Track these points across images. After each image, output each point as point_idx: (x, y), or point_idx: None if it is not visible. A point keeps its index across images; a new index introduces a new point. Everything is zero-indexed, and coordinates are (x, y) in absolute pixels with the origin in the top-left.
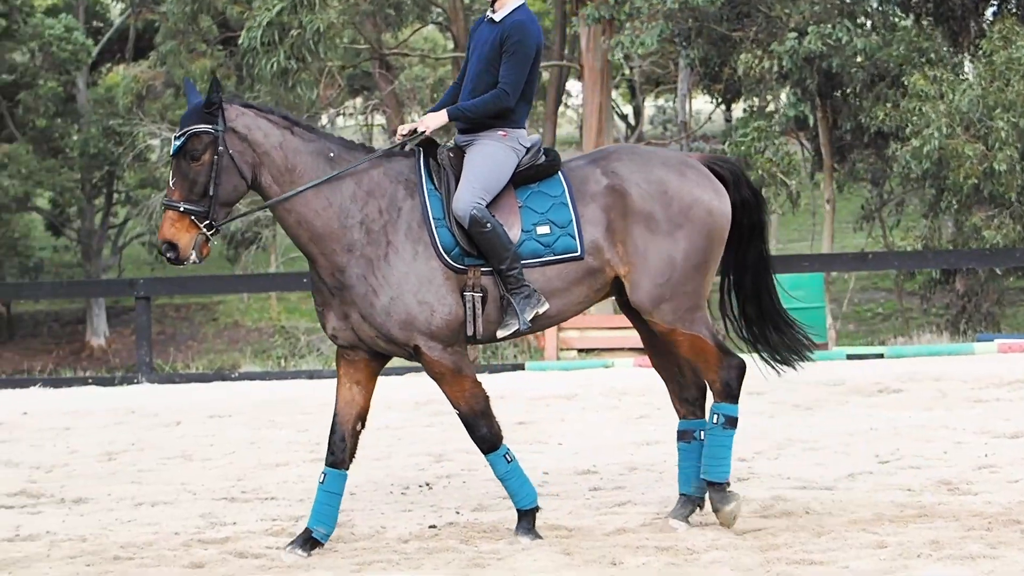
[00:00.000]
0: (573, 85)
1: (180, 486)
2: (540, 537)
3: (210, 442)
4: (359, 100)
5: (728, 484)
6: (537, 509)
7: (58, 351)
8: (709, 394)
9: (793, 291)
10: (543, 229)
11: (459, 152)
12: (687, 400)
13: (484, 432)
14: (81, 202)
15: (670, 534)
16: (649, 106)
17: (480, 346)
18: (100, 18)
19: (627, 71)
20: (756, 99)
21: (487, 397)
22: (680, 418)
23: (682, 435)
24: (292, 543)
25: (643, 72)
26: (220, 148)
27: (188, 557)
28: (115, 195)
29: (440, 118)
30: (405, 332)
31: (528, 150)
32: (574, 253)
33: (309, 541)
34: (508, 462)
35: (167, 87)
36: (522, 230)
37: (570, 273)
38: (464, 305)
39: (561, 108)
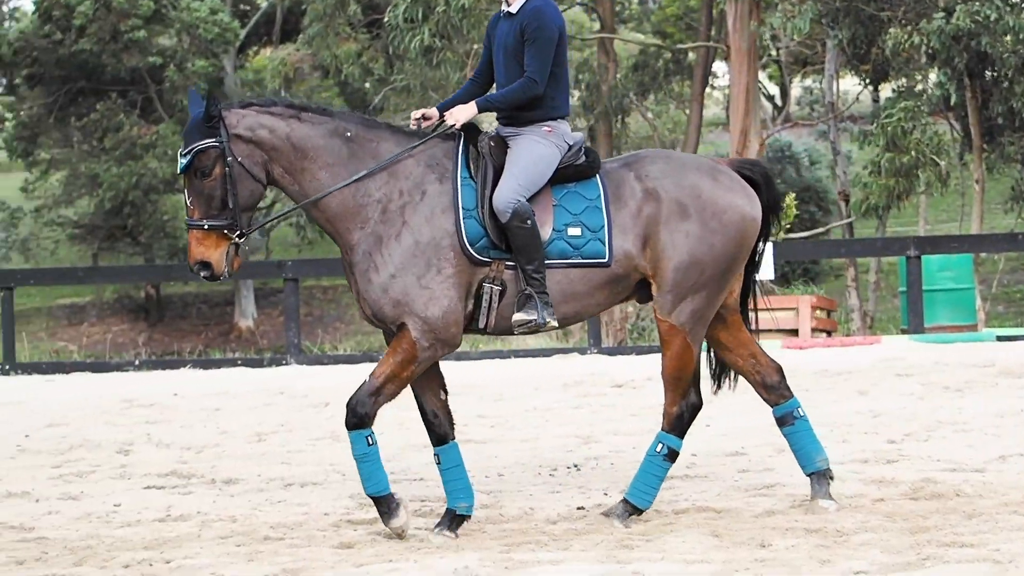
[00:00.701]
0: (719, 66)
1: (329, 467)
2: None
3: None
4: None
5: (641, 513)
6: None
7: (207, 332)
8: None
9: (942, 272)
10: (574, 231)
11: (500, 143)
12: (771, 386)
13: (367, 408)
14: None
15: (819, 516)
16: (796, 86)
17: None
18: (247, 1)
19: (773, 51)
20: (904, 79)
21: (395, 396)
22: (772, 406)
23: (781, 421)
24: (439, 524)
25: (790, 52)
26: (228, 158)
27: (338, 537)
28: None
29: (469, 110)
30: (396, 311)
31: (571, 148)
32: (601, 259)
33: (455, 520)
34: (369, 445)
35: (314, 70)
36: (553, 229)
37: (594, 278)
38: (481, 297)
39: (707, 89)
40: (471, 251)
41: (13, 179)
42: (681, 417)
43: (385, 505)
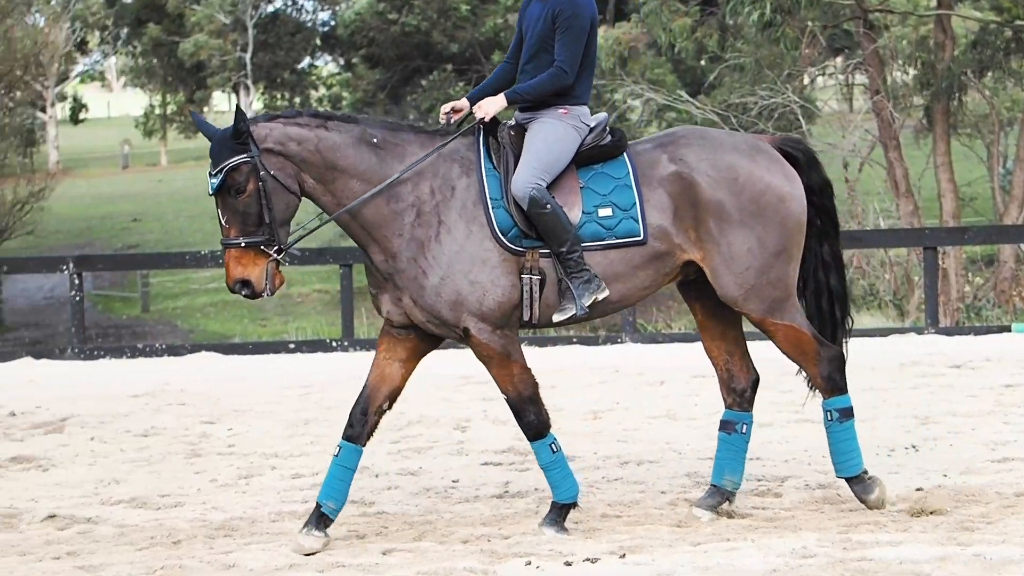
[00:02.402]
0: None
1: (665, 445)
2: (566, 532)
3: (694, 402)
4: (839, 60)
5: (865, 473)
6: (575, 506)
7: None
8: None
9: None
10: (605, 211)
11: (520, 130)
12: (735, 390)
13: (531, 419)
14: None
15: None
16: None
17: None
18: None
19: None
20: None
21: (536, 383)
22: (726, 407)
23: (724, 425)
24: (307, 524)
25: None
26: (261, 173)
27: (675, 516)
28: None
29: (498, 102)
30: (455, 313)
31: (592, 129)
32: (636, 237)
33: (321, 518)
34: (553, 452)
35: (648, 48)
36: (583, 212)
37: (634, 257)
38: (521, 288)
39: None
40: (504, 241)
41: None
42: (832, 378)
43: (568, 511)
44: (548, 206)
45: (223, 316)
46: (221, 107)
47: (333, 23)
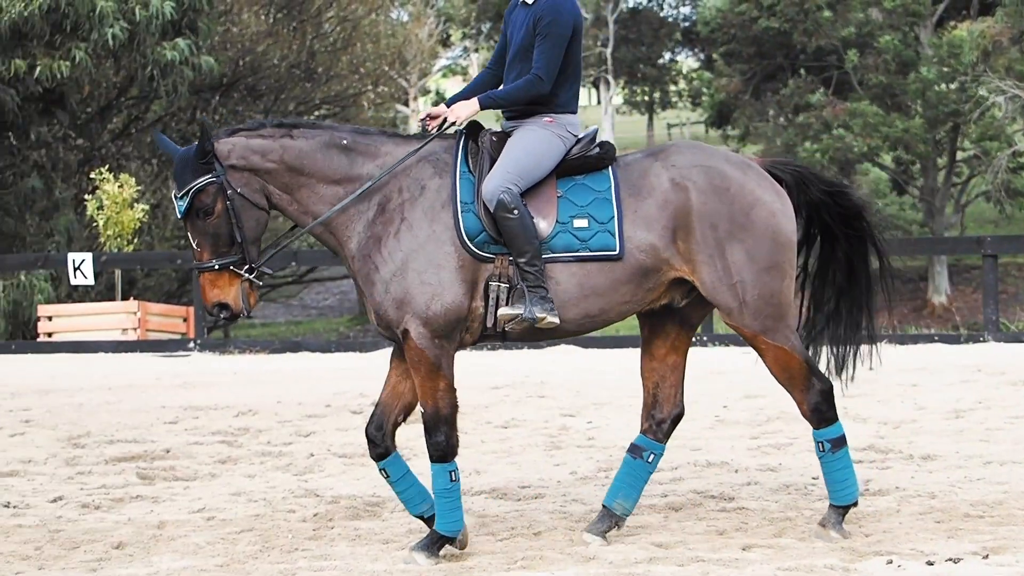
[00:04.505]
0: None
1: None
2: (437, 561)
3: None
4: None
5: (856, 504)
6: (453, 541)
7: (900, 308)
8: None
9: None
10: (580, 223)
11: (503, 137)
12: (654, 418)
13: (442, 440)
14: (927, 157)
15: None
16: None
17: None
18: None
19: None
20: None
21: (456, 405)
22: (641, 432)
23: (633, 449)
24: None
25: None
26: (228, 192)
27: None
28: (958, 152)
29: (471, 107)
30: (399, 312)
31: (579, 140)
32: (611, 251)
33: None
34: (452, 480)
35: (1013, 43)
36: (557, 221)
37: (615, 272)
38: (487, 296)
39: None
40: (471, 246)
41: None
42: (819, 409)
43: (445, 543)
44: (515, 211)
45: None
46: (582, 102)
47: (694, 18)
